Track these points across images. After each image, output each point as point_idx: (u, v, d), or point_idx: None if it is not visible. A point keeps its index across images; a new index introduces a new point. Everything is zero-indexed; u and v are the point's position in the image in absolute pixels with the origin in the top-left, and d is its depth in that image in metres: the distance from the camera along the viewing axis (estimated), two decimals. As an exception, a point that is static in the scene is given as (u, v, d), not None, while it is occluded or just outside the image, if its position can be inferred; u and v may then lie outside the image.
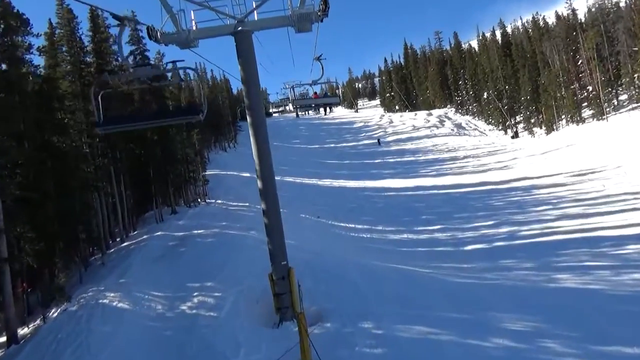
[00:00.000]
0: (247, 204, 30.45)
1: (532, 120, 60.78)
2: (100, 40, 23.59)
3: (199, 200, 33.13)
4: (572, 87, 51.17)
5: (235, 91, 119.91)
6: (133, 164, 25.70)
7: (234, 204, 30.89)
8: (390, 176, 45.63)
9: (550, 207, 26.97)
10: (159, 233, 22.45)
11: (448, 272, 15.46)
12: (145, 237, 22.18)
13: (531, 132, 58.76)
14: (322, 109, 36.22)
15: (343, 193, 38.99)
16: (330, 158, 59.83)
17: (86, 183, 19.68)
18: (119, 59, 22.51)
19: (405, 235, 25.60)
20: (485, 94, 71.61)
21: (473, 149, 55.89)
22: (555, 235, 21.05)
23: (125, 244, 22.40)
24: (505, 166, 43.14)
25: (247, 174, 46.27)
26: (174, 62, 8.68)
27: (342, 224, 28.64)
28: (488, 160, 47.34)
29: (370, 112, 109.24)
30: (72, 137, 20.64)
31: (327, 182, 44.24)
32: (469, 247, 21.71)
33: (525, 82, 60.30)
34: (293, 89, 21.62)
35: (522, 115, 63.16)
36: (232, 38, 10.24)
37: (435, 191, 36.84)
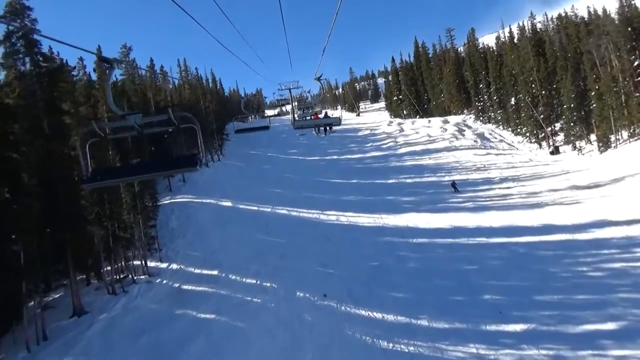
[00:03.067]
0: (216, 272, 20.10)
1: (574, 132, 50.67)
2: None
3: (142, 269, 21.93)
4: (638, 94, 41.18)
5: (227, 92, 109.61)
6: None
7: (195, 272, 20.53)
8: (412, 208, 35.32)
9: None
10: None
11: None
12: None
13: (577, 148, 48.65)
14: (322, 129, 29.29)
15: (356, 237, 28.69)
16: (333, 175, 49.46)
17: None
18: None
19: (473, 349, 15.38)
20: (513, 99, 61.46)
21: (508, 168, 45.73)
22: None
23: None
24: (565, 198, 32.95)
25: (228, 202, 36.11)
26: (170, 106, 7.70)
27: (362, 312, 18.34)
28: (536, 187, 37.11)
29: (374, 117, 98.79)
30: None
31: (332, 215, 33.89)
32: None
33: (567, 86, 50.17)
34: (290, 91, 19.34)
35: (563, 126, 53.03)
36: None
37: (484, 239, 26.65)
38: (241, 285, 19.79)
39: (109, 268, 19.60)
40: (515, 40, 67.48)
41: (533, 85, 55.65)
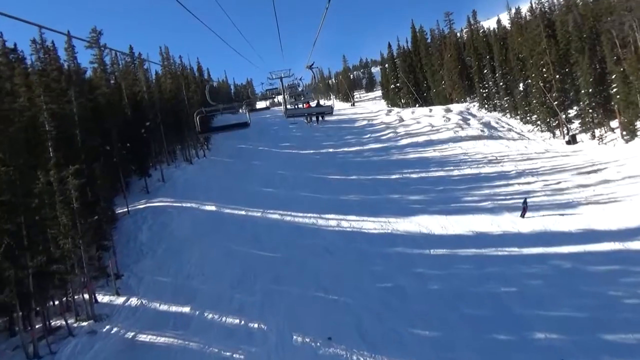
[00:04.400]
0: (188, 309, 15.58)
1: (592, 119, 46.36)
2: None
3: (87, 311, 16.67)
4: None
5: (215, 82, 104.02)
6: None
7: (161, 310, 15.98)
8: (422, 208, 30.93)
9: None
10: None
11: None
12: None
13: (597, 137, 44.37)
14: (314, 118, 25.70)
15: (362, 249, 24.25)
16: (330, 171, 44.93)
17: None
18: None
19: None
20: (522, 84, 57.06)
21: (524, 160, 41.52)
22: None
23: None
24: (599, 196, 28.70)
25: (212, 207, 31.47)
26: None
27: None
28: (563, 183, 32.81)
29: (370, 106, 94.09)
30: None
31: (331, 220, 29.39)
32: None
33: (585, 69, 45.79)
34: (282, 80, 17.86)
35: (579, 112, 48.75)
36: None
37: (516, 250, 22.31)
38: (219, 329, 15.31)
39: (40, 309, 14.88)
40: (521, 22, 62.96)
41: (544, 69, 51.18)
